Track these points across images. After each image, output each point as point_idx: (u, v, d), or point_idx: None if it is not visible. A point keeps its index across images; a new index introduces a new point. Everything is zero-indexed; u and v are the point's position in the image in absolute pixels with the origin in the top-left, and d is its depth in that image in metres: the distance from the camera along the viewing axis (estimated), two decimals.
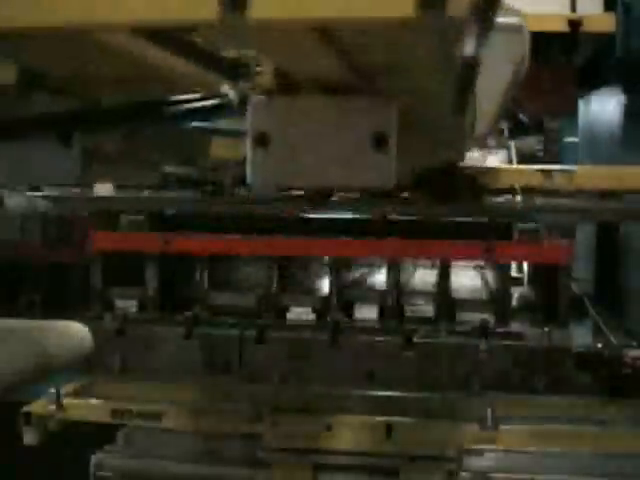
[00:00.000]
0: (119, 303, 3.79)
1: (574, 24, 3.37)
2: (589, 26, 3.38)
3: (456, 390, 3.25)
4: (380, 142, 1.32)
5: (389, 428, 2.99)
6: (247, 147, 1.42)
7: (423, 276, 4.66)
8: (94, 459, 3.25)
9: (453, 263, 3.78)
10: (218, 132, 2.10)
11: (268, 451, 3.03)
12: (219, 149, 2.32)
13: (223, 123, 1.93)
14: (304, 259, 4.52)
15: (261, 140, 1.40)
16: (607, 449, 2.99)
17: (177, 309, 3.74)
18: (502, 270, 3.66)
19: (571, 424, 3.06)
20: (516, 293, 4.17)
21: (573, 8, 3.40)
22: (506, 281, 3.64)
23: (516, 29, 1.87)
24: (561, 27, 3.40)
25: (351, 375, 3.44)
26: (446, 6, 0.84)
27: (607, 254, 4.31)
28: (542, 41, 3.67)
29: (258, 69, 1.45)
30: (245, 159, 1.41)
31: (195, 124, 1.87)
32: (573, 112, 4.58)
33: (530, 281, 4.59)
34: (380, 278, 4.10)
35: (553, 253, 3.57)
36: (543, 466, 3.04)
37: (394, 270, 3.69)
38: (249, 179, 1.45)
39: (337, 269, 3.74)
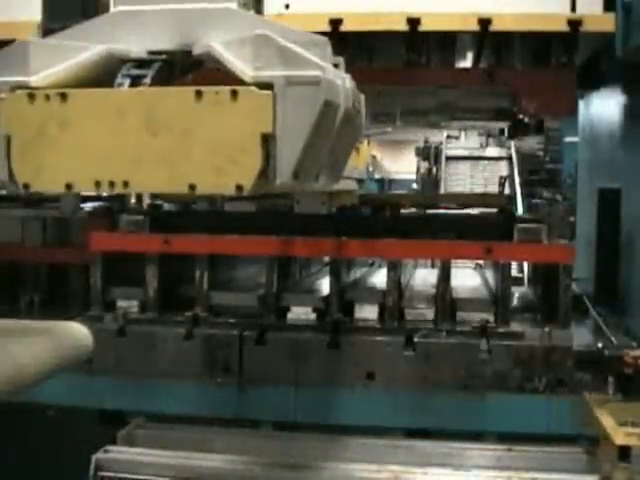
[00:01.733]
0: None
1: (574, 24, 3.37)
2: (589, 26, 3.38)
3: None
4: None
5: None
6: None
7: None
8: (94, 459, 3.24)
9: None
10: None
11: None
12: None
13: None
14: (305, 258, 4.52)
15: None
16: None
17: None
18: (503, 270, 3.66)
19: None
20: (517, 293, 4.17)
21: (573, 8, 3.40)
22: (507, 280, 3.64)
23: (313, 82, 2.02)
24: (561, 27, 3.40)
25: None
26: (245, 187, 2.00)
27: (607, 253, 4.30)
28: (542, 41, 3.67)
29: None
30: None
31: None
32: (573, 112, 4.58)
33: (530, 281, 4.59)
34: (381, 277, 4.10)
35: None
36: None
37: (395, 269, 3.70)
38: None
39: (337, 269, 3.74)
